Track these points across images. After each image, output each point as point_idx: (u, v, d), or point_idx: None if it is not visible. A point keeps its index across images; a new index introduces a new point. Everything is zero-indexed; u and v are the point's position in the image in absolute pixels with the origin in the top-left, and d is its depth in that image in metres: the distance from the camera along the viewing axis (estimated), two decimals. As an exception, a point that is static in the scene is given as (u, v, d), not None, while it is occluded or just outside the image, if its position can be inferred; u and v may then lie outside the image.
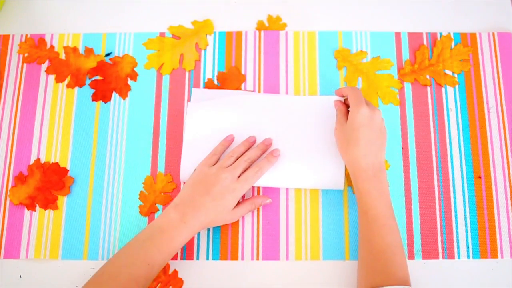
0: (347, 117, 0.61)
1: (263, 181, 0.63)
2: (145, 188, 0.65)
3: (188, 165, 0.64)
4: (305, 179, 0.63)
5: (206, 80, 0.69)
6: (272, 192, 0.65)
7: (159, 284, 0.61)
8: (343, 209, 0.64)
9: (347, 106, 0.63)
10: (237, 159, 0.62)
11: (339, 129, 0.61)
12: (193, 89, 0.68)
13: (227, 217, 0.60)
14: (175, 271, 0.62)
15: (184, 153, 0.65)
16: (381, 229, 0.55)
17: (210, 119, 0.66)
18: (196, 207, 0.58)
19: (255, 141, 0.64)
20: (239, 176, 0.60)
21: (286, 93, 0.69)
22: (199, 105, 0.67)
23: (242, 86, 0.69)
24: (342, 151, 0.60)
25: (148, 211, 0.64)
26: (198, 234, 0.63)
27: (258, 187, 0.65)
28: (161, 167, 0.66)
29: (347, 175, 0.64)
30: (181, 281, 0.61)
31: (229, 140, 0.64)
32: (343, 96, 0.63)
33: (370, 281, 0.54)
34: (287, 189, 0.65)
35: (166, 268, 0.62)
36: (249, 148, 0.64)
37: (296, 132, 0.65)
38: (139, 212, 0.64)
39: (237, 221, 0.64)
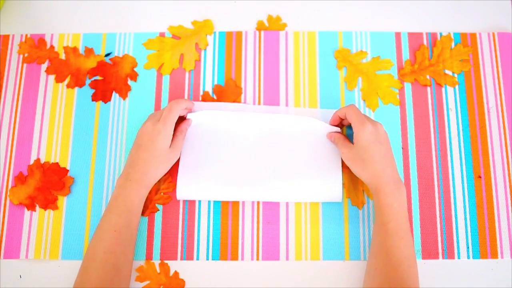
0: (348, 139, 0.62)
1: (262, 196, 0.63)
2: (145, 188, 0.65)
3: (184, 182, 0.63)
4: (304, 194, 0.63)
5: (202, 93, 0.69)
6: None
7: (161, 287, 0.61)
8: (343, 209, 0.64)
9: (341, 129, 0.65)
10: None
11: (347, 151, 0.61)
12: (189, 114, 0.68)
13: (169, 157, 0.61)
14: (176, 272, 0.62)
15: (180, 170, 0.64)
16: (400, 242, 0.56)
17: (207, 134, 0.66)
18: (135, 164, 0.60)
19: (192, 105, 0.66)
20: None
21: (286, 93, 0.69)
22: (196, 115, 0.66)
23: (242, 95, 0.69)
24: (358, 171, 0.60)
25: (148, 211, 0.64)
26: (198, 234, 0.63)
27: (258, 202, 0.65)
28: (161, 167, 0.66)
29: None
30: (183, 282, 0.61)
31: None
32: (341, 120, 0.64)
33: (388, 279, 0.55)
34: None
35: (167, 270, 0.62)
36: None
37: (292, 148, 0.65)
38: (139, 212, 0.64)
39: (237, 221, 0.64)
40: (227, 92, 0.69)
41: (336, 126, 0.65)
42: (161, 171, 0.61)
